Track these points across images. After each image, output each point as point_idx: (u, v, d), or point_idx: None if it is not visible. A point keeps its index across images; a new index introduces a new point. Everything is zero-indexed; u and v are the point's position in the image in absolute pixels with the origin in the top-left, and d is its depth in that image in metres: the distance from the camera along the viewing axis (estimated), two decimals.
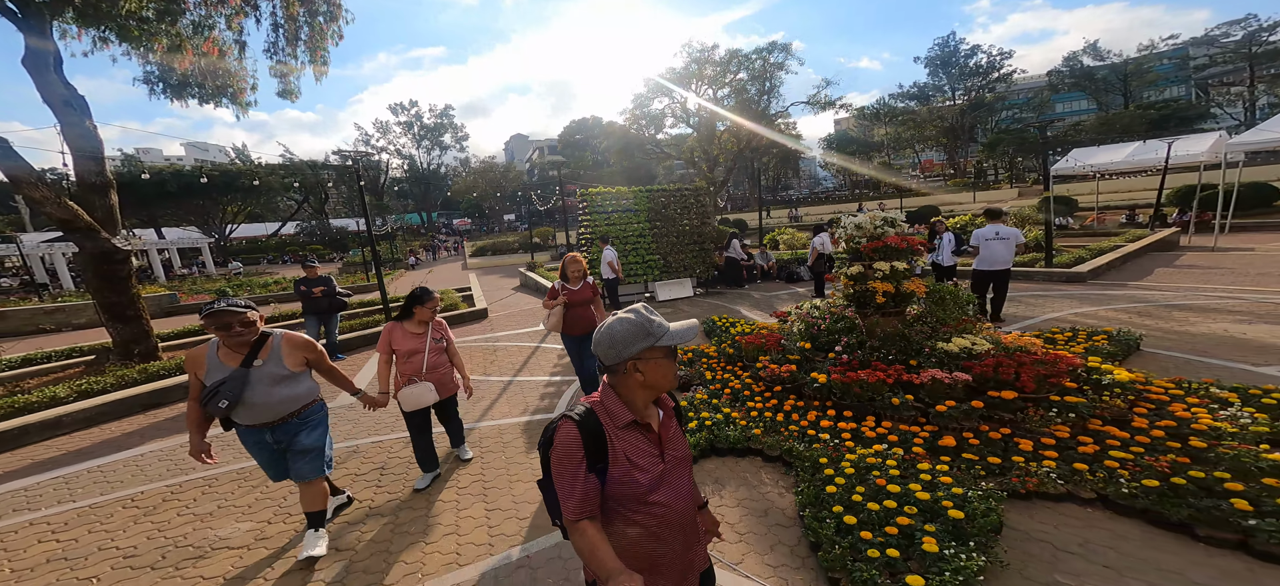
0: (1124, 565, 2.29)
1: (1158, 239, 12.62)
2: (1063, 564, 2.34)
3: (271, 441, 2.72)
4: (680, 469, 1.32)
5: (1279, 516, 2.26)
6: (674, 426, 1.36)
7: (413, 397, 3.34)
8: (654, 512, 1.24)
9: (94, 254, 6.20)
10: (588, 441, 1.20)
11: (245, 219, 39.73)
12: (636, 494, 1.22)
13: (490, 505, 3.29)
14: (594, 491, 1.20)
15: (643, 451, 1.25)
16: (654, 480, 1.25)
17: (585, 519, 1.18)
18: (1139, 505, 2.52)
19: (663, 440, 1.30)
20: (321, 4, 10.06)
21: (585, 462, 1.19)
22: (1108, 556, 2.35)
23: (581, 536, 1.16)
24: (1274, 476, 2.51)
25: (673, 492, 1.28)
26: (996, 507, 2.59)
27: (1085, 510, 2.69)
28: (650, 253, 10.78)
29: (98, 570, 2.91)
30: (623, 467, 1.22)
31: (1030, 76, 65.25)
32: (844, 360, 4.31)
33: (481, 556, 2.77)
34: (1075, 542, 2.46)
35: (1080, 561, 2.34)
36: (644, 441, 1.27)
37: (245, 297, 2.51)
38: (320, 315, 7.43)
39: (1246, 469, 2.58)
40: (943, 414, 3.50)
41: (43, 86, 6.47)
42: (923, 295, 4.55)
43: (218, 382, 2.52)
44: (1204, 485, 2.54)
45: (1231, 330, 5.43)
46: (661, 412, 1.34)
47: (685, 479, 1.34)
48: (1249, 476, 2.55)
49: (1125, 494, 2.59)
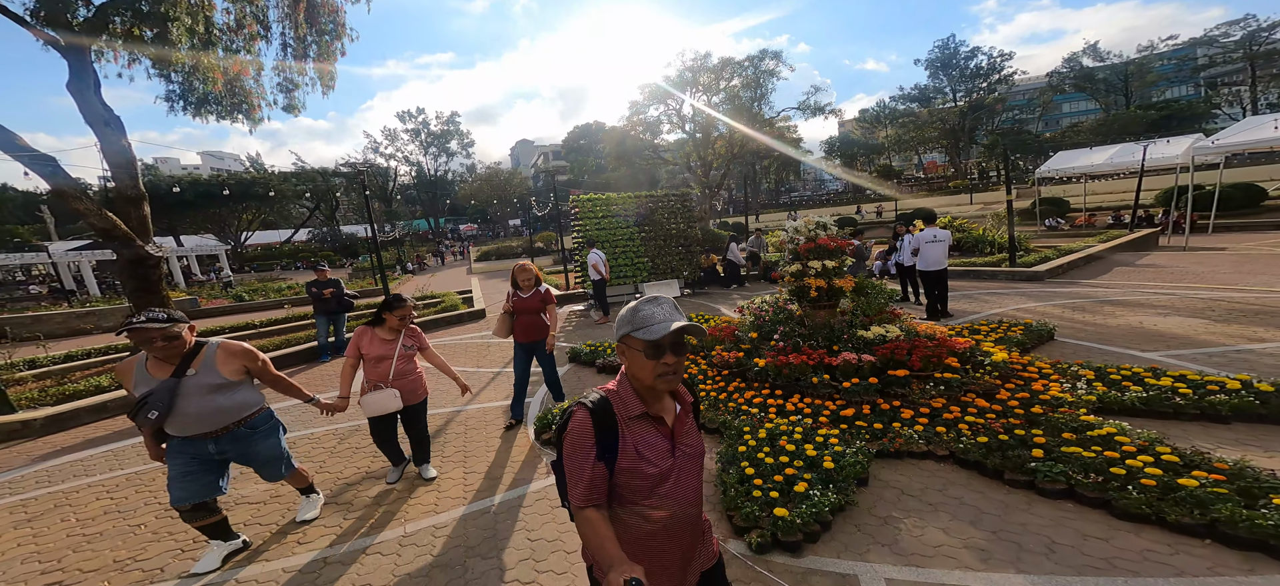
0: (940, 502, 2.92)
1: (1132, 239, 13.10)
2: (902, 503, 2.97)
3: (214, 452, 2.69)
4: (690, 465, 1.31)
5: (1065, 461, 2.87)
6: (689, 422, 1.34)
7: (375, 404, 3.31)
8: (659, 506, 1.24)
9: (130, 259, 7.02)
10: (598, 429, 1.21)
11: (260, 226, 41.12)
12: (642, 486, 1.22)
13: (468, 469, 3.96)
14: (601, 479, 1.21)
15: (653, 444, 1.25)
16: (661, 474, 1.24)
17: (591, 506, 1.19)
18: (971, 458, 3.15)
19: (675, 435, 1.29)
20: (327, 23, 10.93)
21: (594, 450, 1.20)
22: (934, 497, 2.98)
23: (586, 523, 1.18)
24: (1072, 432, 3.13)
25: (680, 488, 1.27)
26: (865, 462, 3.22)
27: (938, 464, 3.32)
28: (639, 255, 11.47)
29: (144, 519, 3.62)
30: (631, 458, 1.22)
31: (1030, 78, 65.12)
32: (779, 346, 4.96)
33: (457, 506, 3.45)
34: (917, 487, 3.09)
35: (914, 501, 2.97)
36: (655, 434, 1.26)
37: (167, 311, 2.51)
38: (330, 315, 8.19)
39: (1057, 427, 3.20)
40: (848, 389, 4.14)
41: (84, 108, 7.31)
42: (849, 290, 5.18)
43: (145, 394, 2.49)
44: (1022, 441, 3.16)
45: (1145, 322, 5.99)
46: (679, 407, 1.33)
47: (694, 476, 1.32)
48: (1056, 432, 3.17)
49: (963, 449, 3.22)
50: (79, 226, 36.78)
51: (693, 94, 19.16)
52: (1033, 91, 63.50)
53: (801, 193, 70.18)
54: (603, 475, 1.21)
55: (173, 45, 7.60)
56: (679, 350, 1.22)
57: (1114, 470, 2.70)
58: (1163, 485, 2.56)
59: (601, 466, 1.20)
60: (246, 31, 9.88)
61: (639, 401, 1.25)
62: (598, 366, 6.31)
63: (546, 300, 4.46)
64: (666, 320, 1.20)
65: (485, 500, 3.46)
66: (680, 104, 19.28)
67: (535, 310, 4.42)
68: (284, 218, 44.65)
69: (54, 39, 6.92)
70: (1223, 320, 5.80)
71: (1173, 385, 3.64)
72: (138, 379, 2.53)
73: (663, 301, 1.24)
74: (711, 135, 19.04)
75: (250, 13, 9.87)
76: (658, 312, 1.21)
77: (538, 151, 79.54)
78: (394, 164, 52.43)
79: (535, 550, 2.85)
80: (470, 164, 56.68)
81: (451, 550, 2.92)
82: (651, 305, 1.23)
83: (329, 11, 10.86)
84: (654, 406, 1.27)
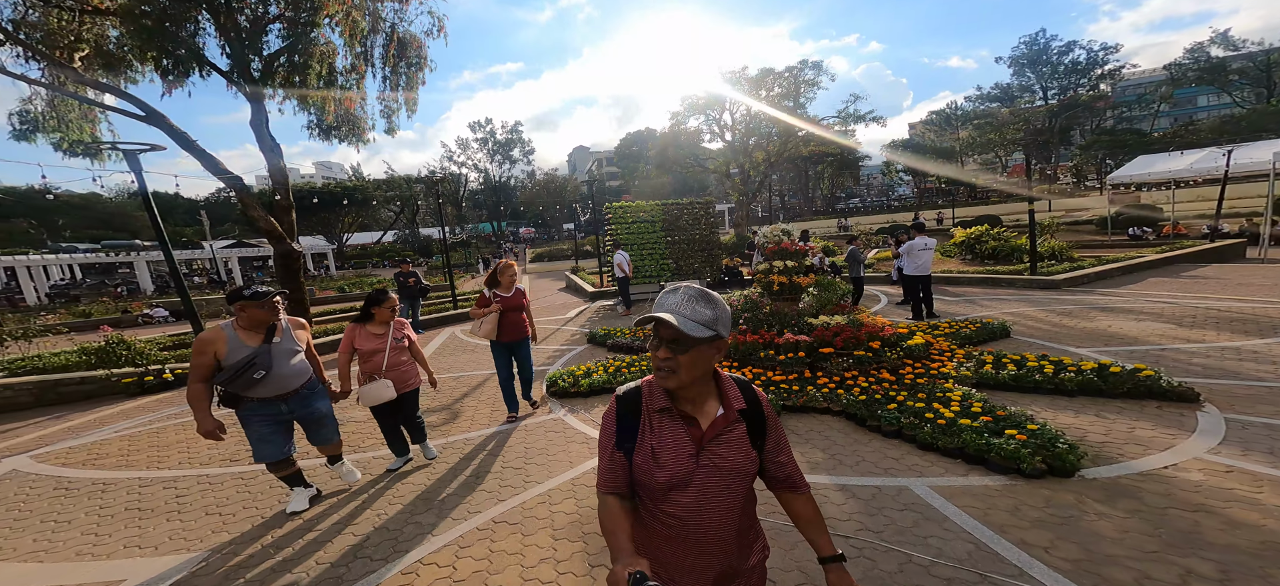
0: (814, 438, 3.91)
1: (1197, 250, 12.15)
2: (792, 441, 4.02)
3: (286, 411, 3.05)
4: (720, 480, 1.13)
5: (905, 413, 3.79)
6: (731, 432, 1.15)
7: (371, 394, 3.50)
8: (669, 513, 1.13)
9: (282, 254, 9.45)
10: (621, 419, 1.18)
11: (357, 229, 47.29)
12: (654, 487, 1.13)
13: (494, 410, 5.49)
14: (620, 468, 1.17)
15: (673, 445, 1.13)
16: (676, 479, 1.12)
17: (610, 494, 1.17)
18: (850, 411, 4.10)
19: (705, 440, 1.13)
20: (413, 57, 13.36)
21: (615, 437, 1.18)
22: (812, 436, 3.98)
23: (603, 508, 1.16)
24: (924, 393, 4.00)
25: (699, 500, 1.12)
26: (775, 410, 4.29)
27: (831, 417, 4.29)
28: (665, 257, 12.76)
29: None
30: (645, 455, 1.14)
31: (1141, 71, 57.83)
32: (742, 329, 6.03)
33: (487, 426, 4.95)
34: (804, 429, 4.10)
35: (797, 437, 3.98)
36: (681, 434, 1.13)
37: (269, 286, 2.95)
38: (411, 298, 10.37)
39: (922, 391, 4.08)
40: (783, 362, 5.16)
41: (260, 140, 9.93)
42: (806, 286, 6.13)
43: (247, 358, 2.78)
44: (888, 399, 4.08)
45: (1110, 326, 6.30)
46: (721, 410, 1.16)
47: (725, 491, 1.14)
48: (916, 394, 4.05)
49: (845, 405, 4.18)
50: (226, 228, 44.68)
51: (732, 105, 20.11)
52: (1148, 86, 56.37)
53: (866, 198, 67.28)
54: (622, 465, 1.17)
55: (308, 87, 10.12)
56: (675, 346, 1.08)
57: (928, 415, 3.61)
58: (946, 425, 3.45)
59: (620, 455, 1.17)
60: (356, 73, 12.52)
61: (665, 394, 1.16)
62: (608, 346, 7.66)
63: (523, 298, 4.65)
64: (657, 309, 1.10)
65: (490, 427, 4.94)
66: (719, 113, 20.30)
67: (518, 308, 4.56)
68: (375, 221, 50.87)
69: (242, 88, 9.58)
70: (1186, 326, 6.00)
71: (1039, 365, 4.33)
72: (232, 347, 2.81)
73: (681, 288, 1.12)
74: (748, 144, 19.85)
75: (360, 55, 12.50)
76: (667, 300, 1.12)
77: (592, 157, 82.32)
78: (465, 171, 57.47)
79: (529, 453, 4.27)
80: (530, 170, 60.67)
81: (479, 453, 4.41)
82: (667, 293, 1.14)
83: (415, 47, 13.33)
84: (683, 402, 1.16)
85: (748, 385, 1.24)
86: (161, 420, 5.54)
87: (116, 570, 2.82)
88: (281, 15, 9.57)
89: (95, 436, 5.15)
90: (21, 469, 4.39)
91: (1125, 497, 2.74)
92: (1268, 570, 2.15)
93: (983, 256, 13.60)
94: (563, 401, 5.25)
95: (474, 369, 6.89)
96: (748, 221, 20.77)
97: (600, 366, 5.95)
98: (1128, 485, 2.86)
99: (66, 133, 8.37)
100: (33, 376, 6.59)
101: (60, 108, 8.35)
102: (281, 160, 9.77)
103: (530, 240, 52.01)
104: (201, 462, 4.29)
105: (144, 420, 5.60)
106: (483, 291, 4.53)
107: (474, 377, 6.45)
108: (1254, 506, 2.61)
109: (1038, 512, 2.67)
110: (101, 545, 3.09)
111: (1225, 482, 2.84)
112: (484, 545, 2.81)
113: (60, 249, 30.99)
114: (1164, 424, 3.54)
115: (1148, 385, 3.89)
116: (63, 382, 6.48)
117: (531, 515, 3.10)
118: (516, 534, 2.91)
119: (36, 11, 8.03)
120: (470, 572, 2.59)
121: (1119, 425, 3.58)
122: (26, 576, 2.82)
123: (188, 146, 8.35)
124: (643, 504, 1.19)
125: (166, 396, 6.52)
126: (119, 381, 6.64)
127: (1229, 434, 3.34)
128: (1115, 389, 3.97)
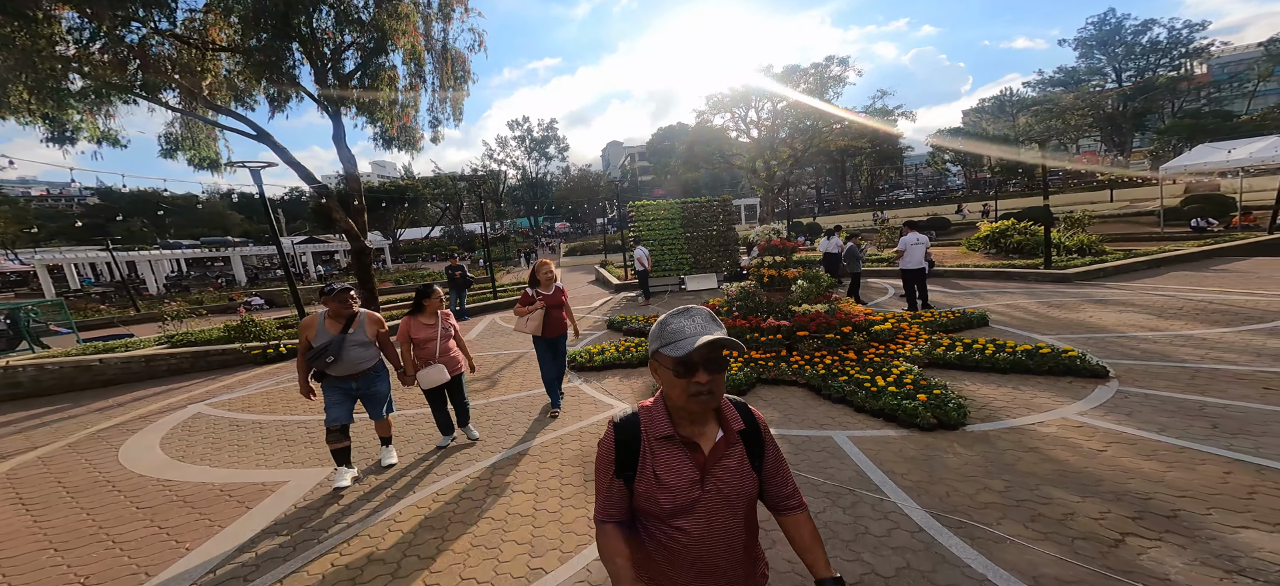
0: (776, 403, 4.75)
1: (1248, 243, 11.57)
2: (755, 402, 4.89)
3: (353, 388, 3.67)
4: (723, 505, 1.14)
5: (851, 383, 4.58)
6: (734, 454, 1.16)
7: (429, 377, 3.95)
8: (674, 538, 1.14)
9: (357, 251, 11.18)
10: (619, 448, 1.17)
11: (407, 225, 50.94)
12: (658, 513, 1.14)
13: (523, 381, 6.67)
14: (619, 497, 1.18)
15: (677, 470, 1.13)
16: (681, 506, 1.13)
17: (609, 522, 1.19)
18: (810, 383, 4.91)
19: (708, 465, 1.14)
20: (459, 71, 14.92)
21: (614, 467, 1.17)
22: (775, 401, 4.82)
23: (602, 536, 1.17)
24: (872, 368, 4.77)
25: (704, 525, 1.13)
26: (748, 380, 5.16)
27: (795, 387, 5.11)
28: (684, 252, 13.65)
29: None
30: (648, 483, 1.14)
31: (1232, 48, 52.12)
32: (733, 314, 6.90)
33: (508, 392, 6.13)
34: (770, 396, 4.95)
35: (762, 402, 4.84)
36: (684, 460, 1.13)
37: (348, 284, 3.63)
38: (458, 288, 11.87)
39: (874, 366, 4.85)
40: (763, 343, 6.00)
41: (340, 152, 11.70)
42: (793, 278, 6.91)
43: (324, 345, 3.44)
44: (844, 373, 4.87)
45: (1093, 316, 6.67)
46: (721, 433, 1.17)
47: (730, 515, 1.15)
48: (865, 368, 4.82)
49: (807, 377, 5.00)
50: (297, 225, 49.45)
51: (757, 102, 20.54)
52: (1242, 64, 50.80)
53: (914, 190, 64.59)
54: (621, 494, 1.18)
55: (376, 105, 11.81)
56: (714, 367, 1.06)
57: (868, 385, 4.40)
58: (877, 392, 4.23)
59: (619, 484, 1.17)
60: (413, 90, 14.20)
61: (668, 421, 1.14)
62: (624, 331, 8.71)
63: (563, 296, 4.81)
64: (696, 333, 1.07)
65: (513, 393, 6.11)
66: (745, 111, 20.82)
67: (559, 305, 4.73)
68: (424, 217, 54.50)
69: (327, 108, 11.38)
70: (1163, 316, 6.30)
71: (982, 348, 4.97)
72: (319, 332, 3.51)
73: (695, 313, 1.11)
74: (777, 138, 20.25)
75: (415, 72, 14.19)
76: (688, 326, 1.09)
77: (625, 153, 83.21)
78: (504, 169, 60.08)
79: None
80: (565, 167, 62.51)
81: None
82: (681, 318, 1.11)
83: (460, 62, 14.89)
84: (686, 428, 1.15)
85: (744, 406, 1.25)
86: (283, 382, 7.11)
87: (283, 475, 4.09)
88: (355, 42, 11.24)
89: (242, 392, 6.75)
90: (203, 412, 5.96)
91: (982, 444, 3.48)
92: (1042, 487, 2.90)
93: (1007, 251, 13.56)
94: (579, 373, 6.35)
95: (509, 349, 8.13)
96: (773, 217, 21.18)
97: (612, 347, 6.99)
98: (993, 436, 3.59)
99: (197, 150, 10.38)
100: (189, 348, 8.40)
101: (193, 129, 10.36)
102: (356, 169, 11.48)
103: (564, 235, 53.91)
104: (319, 411, 5.71)
105: (271, 382, 7.20)
106: (526, 290, 4.74)
107: (509, 355, 7.69)
108: (1072, 448, 3.32)
109: (914, 453, 3.46)
110: (268, 461, 4.42)
111: (1067, 434, 3.53)
112: (511, 468, 3.91)
113: (168, 245, 35.73)
114: (1063, 394, 4.17)
115: (1066, 364, 4.49)
116: (210, 353, 8.24)
117: (547, 451, 4.17)
118: (534, 462, 3.99)
119: (169, 44, 9.97)
120: (504, 482, 3.69)
121: (1024, 394, 4.23)
122: (232, 475, 4.19)
123: (288, 159, 10.12)
124: (646, 530, 1.19)
125: (283, 365, 8.18)
126: (249, 352, 8.37)
127: (1109, 402, 3.94)
128: (1039, 367, 4.58)
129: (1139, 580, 2.19)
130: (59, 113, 7.71)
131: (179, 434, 5.21)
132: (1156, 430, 3.46)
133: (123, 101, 8.58)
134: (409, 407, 5.39)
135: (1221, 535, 2.41)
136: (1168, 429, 3.47)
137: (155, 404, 6.46)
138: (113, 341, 9.54)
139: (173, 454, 4.67)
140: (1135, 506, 2.68)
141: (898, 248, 8.64)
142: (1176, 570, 2.23)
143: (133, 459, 4.60)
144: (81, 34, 7.68)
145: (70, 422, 5.89)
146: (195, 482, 4.03)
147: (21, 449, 5.12)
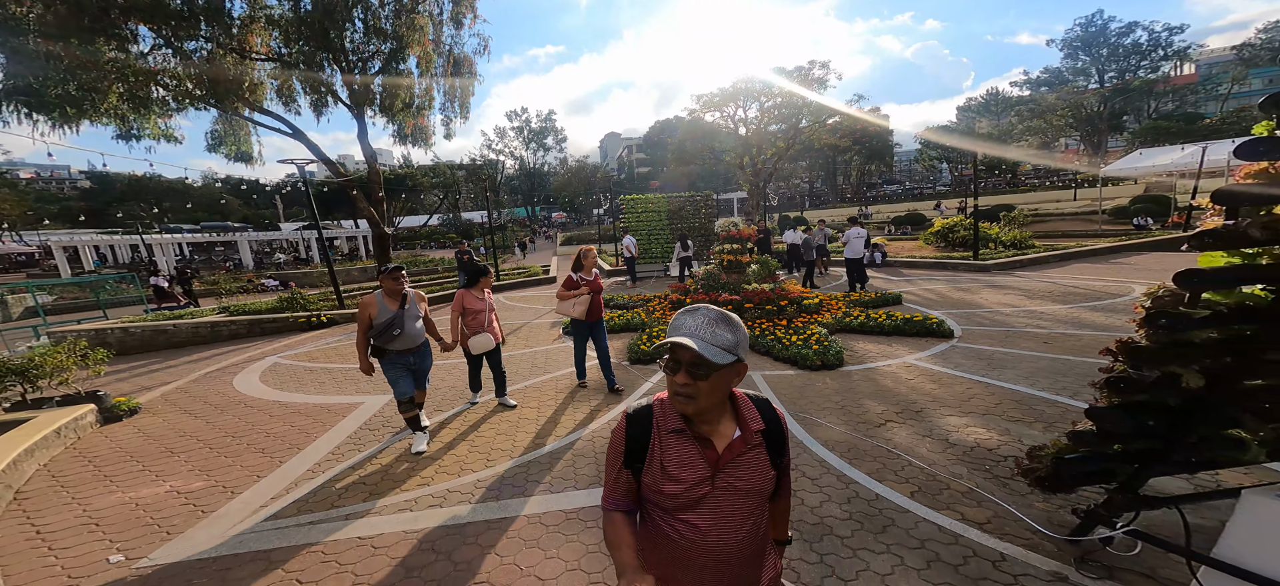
0: None
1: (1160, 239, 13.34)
2: None
3: (412, 362, 3.96)
4: (734, 501, 1.14)
5: (776, 341, 6.24)
6: (749, 453, 1.15)
7: (479, 344, 4.58)
8: (680, 532, 1.15)
9: (378, 236, 12.70)
10: (630, 439, 1.19)
11: (406, 212, 51.96)
12: (664, 505, 1.16)
13: (526, 342, 8.27)
14: (628, 487, 1.20)
15: (687, 464, 1.13)
16: (688, 500, 1.13)
17: (617, 511, 1.22)
18: (761, 347, 6.56)
19: (721, 461, 1.13)
20: (466, 73, 16.33)
21: (623, 457, 1.19)
22: None
23: (609, 524, 1.20)
24: (795, 331, 6.45)
25: (712, 520, 1.13)
26: None
27: None
28: (669, 242, 15.26)
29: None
30: (655, 475, 1.15)
31: (1209, 51, 53.96)
32: (696, 290, 8.55)
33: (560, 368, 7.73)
34: None
35: None
36: (695, 456, 1.13)
37: (401, 265, 3.95)
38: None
39: (796, 330, 6.54)
40: None
41: (363, 147, 13.16)
42: (747, 263, 8.56)
43: (390, 319, 3.71)
44: (773, 334, 6.53)
45: (983, 298, 8.37)
46: (738, 431, 1.16)
47: (741, 512, 1.15)
48: (789, 331, 6.50)
49: (761, 344, 6.64)
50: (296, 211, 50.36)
51: (745, 103, 22.05)
52: (1216, 67, 52.74)
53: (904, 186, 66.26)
54: (629, 484, 1.20)
55: (396, 108, 13.27)
56: (698, 373, 1.05)
57: (786, 341, 6.06)
58: (787, 345, 5.88)
59: (627, 474, 1.19)
60: (428, 95, 15.64)
61: (680, 416, 1.14)
62: (613, 307, 10.32)
63: (600, 281, 5.12)
64: (680, 333, 1.06)
65: (530, 348, 7.72)
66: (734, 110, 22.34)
67: (598, 290, 5.04)
68: (422, 205, 55.53)
69: (354, 111, 12.82)
70: (1034, 298, 8.02)
71: (873, 316, 6.67)
72: (381, 309, 3.74)
73: (701, 310, 1.09)
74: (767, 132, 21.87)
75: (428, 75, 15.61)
76: (687, 323, 1.08)
77: (623, 145, 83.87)
78: (502, 159, 61.01)
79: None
80: (562, 158, 63.57)
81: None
82: (686, 315, 1.10)
83: (467, 66, 16.30)
84: (699, 425, 1.14)
85: (765, 403, 1.22)
86: (332, 343, 8.68)
87: (359, 399, 5.63)
88: (377, 51, 12.66)
89: (303, 348, 8.31)
90: (280, 362, 7.51)
91: (843, 378, 5.14)
92: (862, 400, 4.53)
93: (954, 244, 15.30)
94: (568, 336, 7.99)
95: (514, 321, 9.74)
96: (758, 211, 22.82)
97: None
98: (855, 374, 5.25)
99: (236, 146, 11.82)
100: (246, 316, 10.00)
101: (235, 126, 11.79)
102: (376, 162, 12.97)
103: (561, 225, 55.19)
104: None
105: (321, 343, 8.77)
106: (570, 275, 5.05)
107: (511, 325, 9.31)
108: (894, 378, 4.98)
109: (799, 383, 5.11)
110: (345, 391, 5.98)
111: (899, 371, 5.19)
112: (520, 395, 5.52)
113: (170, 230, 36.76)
114: (915, 348, 5.85)
115: (928, 327, 6.19)
116: (264, 320, 9.84)
117: (549, 384, 5.80)
118: (538, 393, 5.60)
119: (207, 49, 11.34)
120: (520, 401, 5.30)
121: (891, 348, 5.92)
122: (324, 399, 5.75)
123: (320, 155, 11.60)
124: (654, 522, 1.20)
125: (325, 331, 9.75)
126: (296, 320, 9.96)
127: (940, 353, 5.62)
128: (908, 330, 6.28)
129: (878, 439, 3.82)
130: (143, 118, 9.15)
131: (269, 375, 6.80)
132: (952, 367, 5.15)
133: (197, 109, 10.03)
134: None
135: (935, 420, 4.05)
136: (961, 367, 5.16)
137: (234, 358, 8.03)
138: (174, 310, 11.07)
139: (273, 387, 6.27)
140: (903, 406, 4.33)
141: (843, 239, 10.32)
142: (901, 435, 3.87)
143: (248, 389, 6.21)
144: (159, 49, 9.08)
145: (170, 371, 7.46)
146: (300, 403, 5.64)
147: (151, 385, 6.70)
